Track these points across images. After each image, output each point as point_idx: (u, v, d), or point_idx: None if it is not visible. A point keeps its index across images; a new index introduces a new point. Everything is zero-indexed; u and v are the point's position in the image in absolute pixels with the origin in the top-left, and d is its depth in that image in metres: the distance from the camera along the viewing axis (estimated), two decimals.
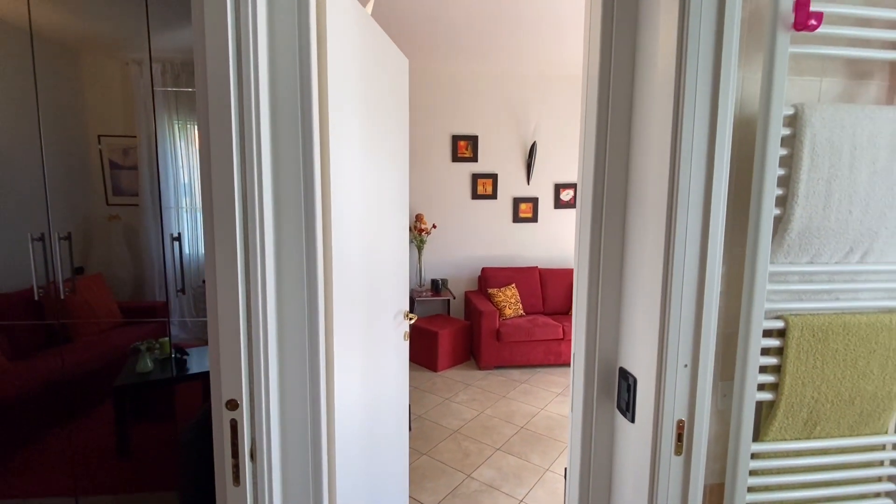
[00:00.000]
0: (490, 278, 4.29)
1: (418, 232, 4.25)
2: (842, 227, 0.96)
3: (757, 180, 0.94)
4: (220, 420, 0.95)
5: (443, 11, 2.96)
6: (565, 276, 4.38)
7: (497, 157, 4.48)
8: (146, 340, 2.01)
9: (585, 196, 1.13)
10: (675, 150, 0.89)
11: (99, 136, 1.92)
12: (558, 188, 4.59)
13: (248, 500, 0.95)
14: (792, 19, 0.90)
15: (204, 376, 2.03)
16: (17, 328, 1.88)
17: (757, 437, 1.05)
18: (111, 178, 1.94)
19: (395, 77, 1.69)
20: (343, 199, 1.25)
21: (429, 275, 4.56)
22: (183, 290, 1.96)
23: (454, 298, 4.53)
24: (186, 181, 1.97)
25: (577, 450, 1.21)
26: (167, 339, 2.01)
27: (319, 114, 1.07)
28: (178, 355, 2.03)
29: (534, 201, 4.57)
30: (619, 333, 1.14)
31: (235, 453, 0.94)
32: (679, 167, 0.88)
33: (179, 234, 1.94)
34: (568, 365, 3.96)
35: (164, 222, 1.95)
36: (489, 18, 3.07)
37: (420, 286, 4.46)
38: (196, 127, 1.94)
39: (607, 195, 1.07)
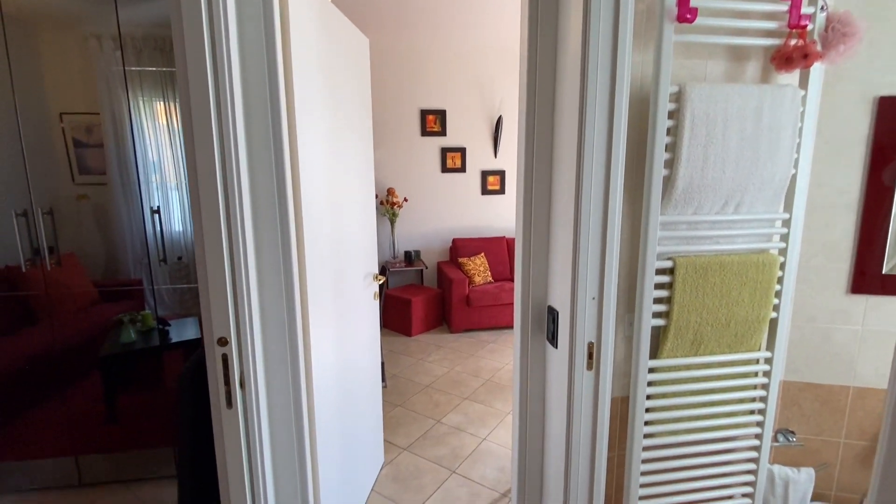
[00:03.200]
0: (460, 248, 4.51)
1: (390, 205, 4.41)
2: (717, 184, 1.19)
3: (650, 146, 1.16)
4: (213, 355, 1.14)
5: None
6: None
7: (465, 131, 4.63)
8: (129, 313, 2.13)
9: (521, 160, 1.33)
10: (581, 121, 1.09)
11: (61, 114, 1.96)
12: None
13: (240, 420, 1.15)
14: (675, 13, 1.10)
15: (185, 345, 2.18)
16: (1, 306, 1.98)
17: (654, 357, 1.31)
18: (76, 157, 1.99)
19: (355, 56, 1.83)
20: (310, 168, 1.41)
21: (402, 247, 4.75)
22: (165, 260, 2.09)
23: (427, 268, 4.74)
24: (155, 159, 2.04)
25: (517, 377, 1.45)
26: (148, 312, 2.14)
27: (286, 94, 1.23)
28: (161, 326, 2.16)
29: (501, 174, 4.77)
30: (548, 278, 1.37)
31: (227, 381, 1.14)
32: (584, 135, 1.09)
33: (158, 207, 2.05)
34: None
35: (142, 196, 2.04)
36: None
37: (394, 258, 4.64)
38: (161, 103, 2.02)
39: (536, 159, 1.27)
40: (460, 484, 2.11)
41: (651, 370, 1.29)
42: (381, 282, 2.13)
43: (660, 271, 1.24)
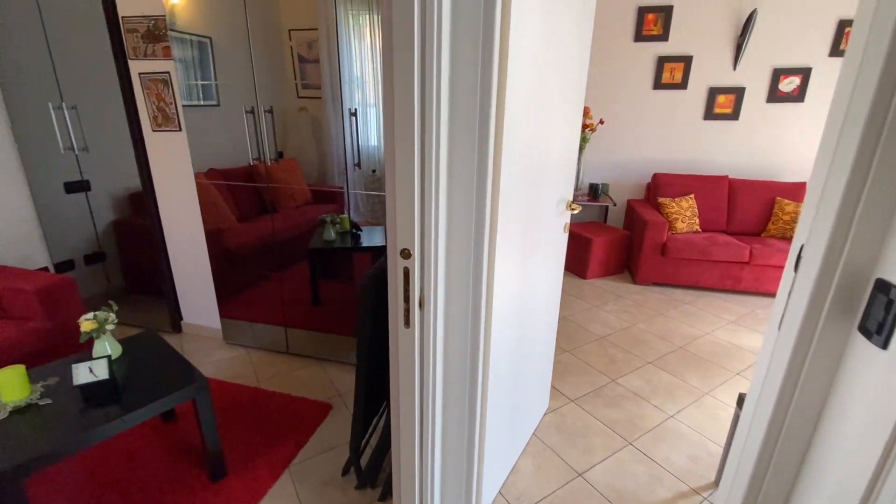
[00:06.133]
0: (662, 186, 3.74)
1: (582, 128, 3.84)
2: None
3: None
4: (395, 267, 1.01)
5: None
6: (765, 189, 3.55)
7: (695, 33, 3.60)
8: (330, 214, 2.31)
9: (863, 20, 0.76)
10: None
11: (290, 31, 2.06)
12: (778, 75, 3.55)
13: (416, 340, 1.03)
14: None
15: (374, 249, 2.29)
16: (241, 195, 2.32)
17: None
18: (300, 72, 2.10)
19: None
20: (519, 66, 1.09)
21: (587, 178, 4.19)
22: (359, 165, 2.13)
23: (614, 205, 4.13)
24: (358, 75, 2.02)
25: (777, 373, 0.99)
26: (346, 216, 2.30)
27: None
28: (354, 230, 2.30)
29: (738, 92, 3.65)
30: (885, 236, 0.83)
31: (407, 299, 1.00)
32: None
33: (356, 110, 2.05)
34: (748, 293, 3.38)
35: (343, 109, 2.07)
36: None
37: (577, 189, 4.15)
38: (367, 16, 1.94)
39: None
40: (637, 459, 1.79)
41: None
42: (575, 211, 1.78)
43: None
